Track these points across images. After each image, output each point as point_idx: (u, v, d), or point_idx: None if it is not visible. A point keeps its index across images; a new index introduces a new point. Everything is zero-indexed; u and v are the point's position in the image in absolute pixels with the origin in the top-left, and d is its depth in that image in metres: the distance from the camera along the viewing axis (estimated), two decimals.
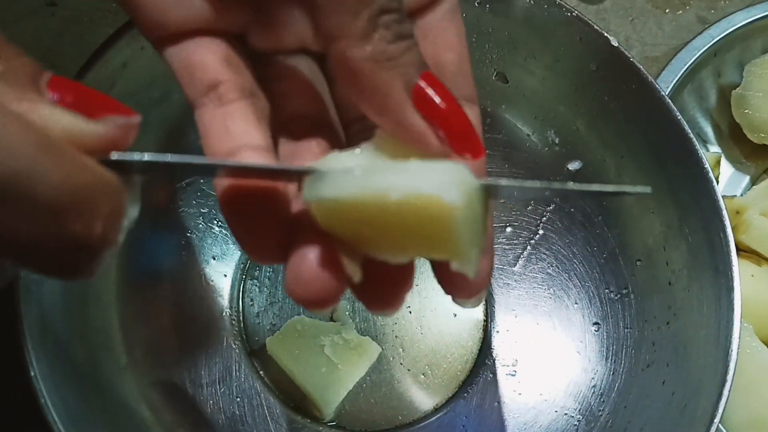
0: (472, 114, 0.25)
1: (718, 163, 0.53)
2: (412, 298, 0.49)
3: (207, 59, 0.24)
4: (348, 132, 0.27)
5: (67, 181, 0.18)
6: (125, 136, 0.20)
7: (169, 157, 0.22)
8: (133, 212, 0.21)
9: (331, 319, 0.48)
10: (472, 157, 0.23)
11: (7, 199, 0.17)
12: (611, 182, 0.46)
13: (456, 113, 0.23)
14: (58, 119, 0.19)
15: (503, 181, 0.24)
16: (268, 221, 0.23)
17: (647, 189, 0.22)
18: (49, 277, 0.21)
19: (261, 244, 0.24)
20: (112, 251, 0.20)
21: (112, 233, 0.20)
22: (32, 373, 0.33)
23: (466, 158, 0.23)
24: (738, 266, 0.39)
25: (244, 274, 0.48)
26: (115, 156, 0.20)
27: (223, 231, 0.48)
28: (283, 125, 0.26)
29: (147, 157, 0.21)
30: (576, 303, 0.47)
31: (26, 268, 0.20)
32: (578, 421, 0.44)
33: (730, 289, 0.39)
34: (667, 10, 0.60)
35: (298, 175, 0.23)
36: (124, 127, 0.20)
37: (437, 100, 0.23)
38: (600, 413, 0.43)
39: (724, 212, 0.40)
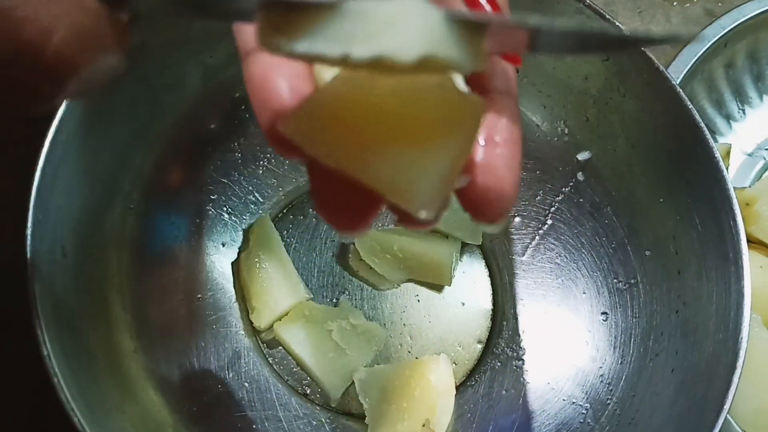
0: None
1: (728, 153, 0.53)
2: (420, 287, 0.49)
3: None
4: None
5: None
6: None
7: None
8: (112, 59, 0.19)
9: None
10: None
11: None
12: (621, 173, 0.46)
13: None
14: None
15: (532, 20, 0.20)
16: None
17: (695, 32, 0.21)
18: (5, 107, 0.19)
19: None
20: (78, 88, 0.19)
21: (80, 59, 0.18)
22: (45, 353, 0.33)
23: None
24: (748, 255, 0.39)
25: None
26: None
27: (232, 218, 0.48)
28: None
29: None
30: (584, 293, 0.47)
31: None
32: (586, 409, 0.44)
33: (740, 277, 0.39)
34: (674, 3, 0.60)
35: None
36: None
37: None
38: (608, 402, 0.43)
39: (735, 201, 0.40)
